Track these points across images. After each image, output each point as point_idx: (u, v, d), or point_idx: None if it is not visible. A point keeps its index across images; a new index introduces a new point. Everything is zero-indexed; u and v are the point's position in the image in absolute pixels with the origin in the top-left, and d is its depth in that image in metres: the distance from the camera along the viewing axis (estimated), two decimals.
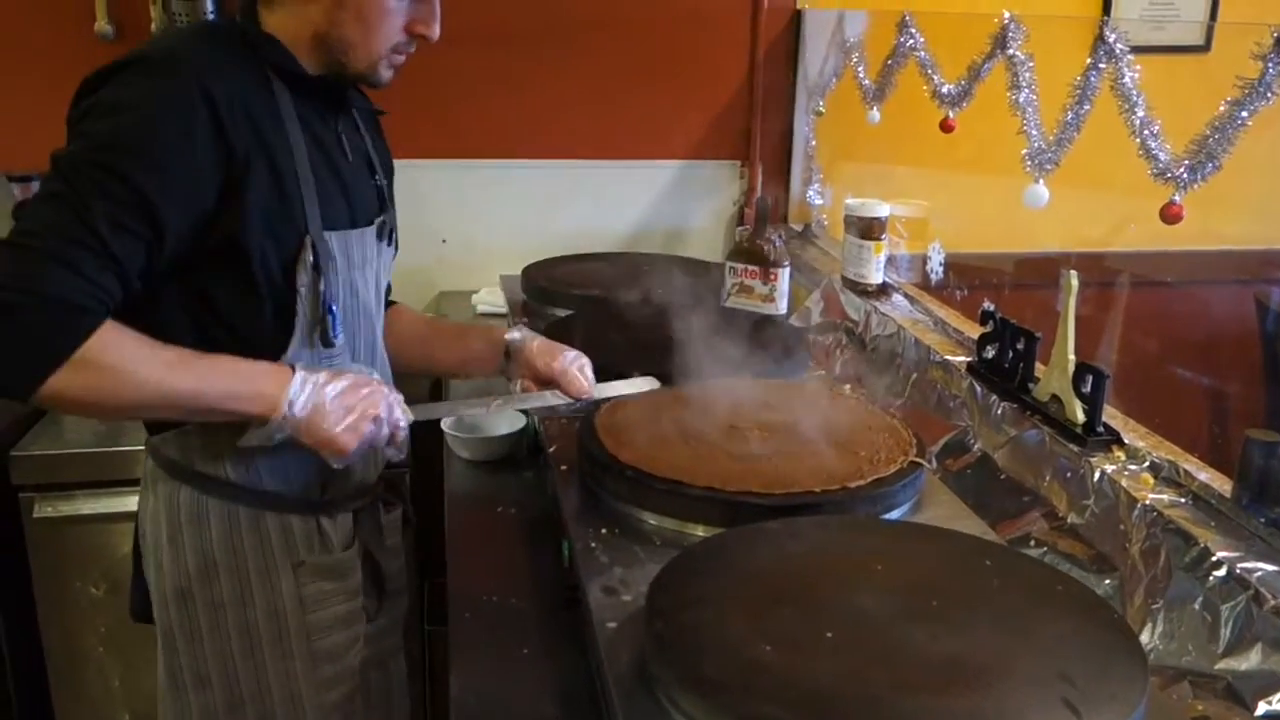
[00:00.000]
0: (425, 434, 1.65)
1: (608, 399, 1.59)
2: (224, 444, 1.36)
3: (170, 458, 1.40)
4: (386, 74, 1.39)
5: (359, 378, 1.34)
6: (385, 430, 1.35)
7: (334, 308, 1.37)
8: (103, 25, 2.50)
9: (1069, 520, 1.40)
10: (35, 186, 2.47)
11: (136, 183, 1.18)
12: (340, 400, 1.30)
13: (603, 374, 1.74)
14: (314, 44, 1.34)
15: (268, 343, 1.34)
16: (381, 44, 1.35)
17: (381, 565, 1.55)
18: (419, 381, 2.38)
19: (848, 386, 1.92)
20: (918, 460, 1.40)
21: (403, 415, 1.38)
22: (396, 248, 1.56)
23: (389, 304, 1.68)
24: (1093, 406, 1.43)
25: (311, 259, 1.33)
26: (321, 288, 1.35)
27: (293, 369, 1.29)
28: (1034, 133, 1.66)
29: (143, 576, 1.49)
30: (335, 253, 1.37)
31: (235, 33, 1.34)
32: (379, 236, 1.48)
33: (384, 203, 1.52)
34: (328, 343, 1.37)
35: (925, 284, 2.13)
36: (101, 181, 1.17)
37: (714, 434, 1.45)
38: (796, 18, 2.81)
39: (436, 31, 1.38)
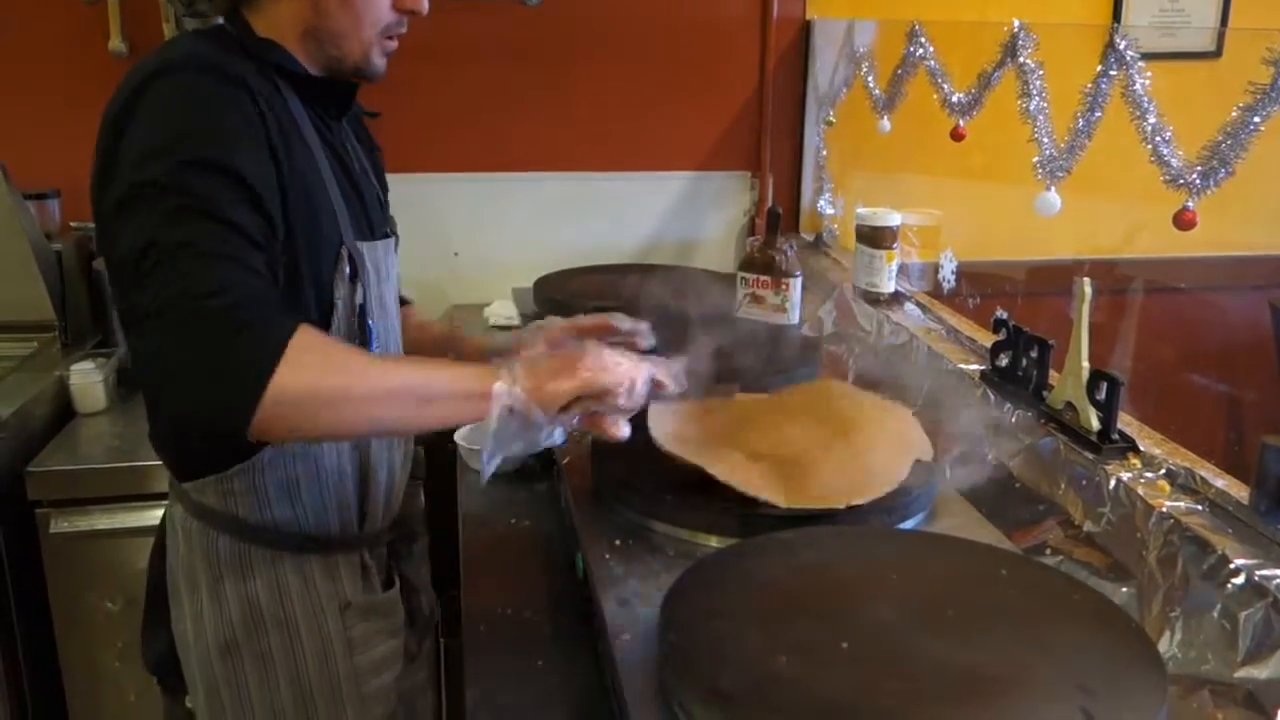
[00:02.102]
0: (437, 448, 1.64)
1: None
2: (269, 486, 1.31)
3: (207, 505, 1.33)
4: (380, 62, 1.34)
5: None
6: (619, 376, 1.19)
7: (370, 322, 1.32)
8: (117, 44, 2.52)
9: (1085, 528, 1.40)
10: (52, 205, 2.50)
11: (237, 168, 1.12)
12: (550, 360, 1.21)
13: None
14: (305, 40, 1.29)
15: None
16: (371, 29, 1.29)
17: (416, 598, 1.54)
18: None
19: None
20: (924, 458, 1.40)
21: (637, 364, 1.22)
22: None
23: (403, 303, 1.66)
24: (1107, 414, 1.43)
25: (349, 269, 1.29)
26: (359, 300, 1.30)
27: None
28: (1045, 140, 1.66)
29: (161, 629, 1.42)
30: (369, 264, 1.33)
31: (231, 39, 1.28)
32: (395, 249, 1.45)
33: (387, 212, 1.48)
34: None
35: (937, 292, 2.13)
36: (210, 179, 1.10)
37: (723, 446, 1.45)
38: (806, 28, 2.82)
39: (426, 5, 1.32)
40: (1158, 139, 1.40)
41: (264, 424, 1.03)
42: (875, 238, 2.16)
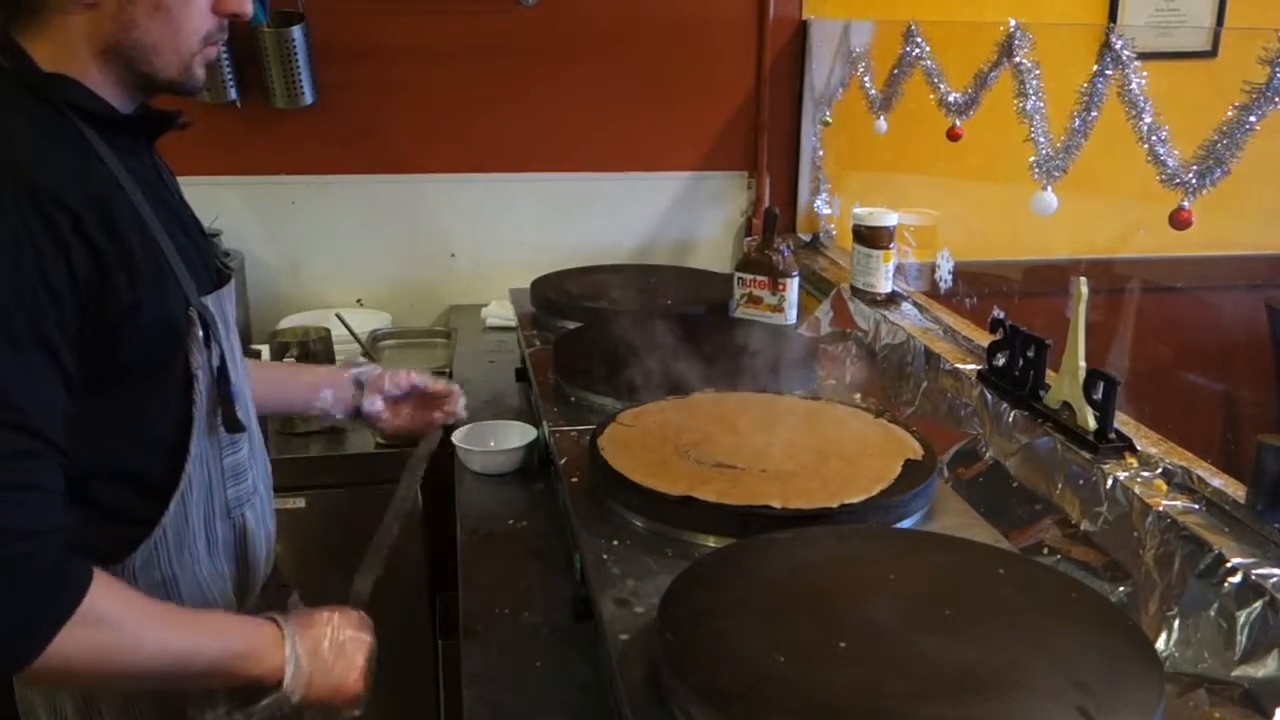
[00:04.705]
0: (437, 447, 1.65)
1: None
2: (141, 587, 1.13)
3: None
4: (201, 73, 1.15)
5: (324, 612, 1.19)
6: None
7: (232, 386, 1.19)
8: None
9: (1082, 528, 1.40)
10: None
11: (16, 326, 0.96)
12: (332, 637, 1.16)
13: (610, 387, 1.74)
14: (105, 61, 1.09)
15: (167, 444, 1.16)
16: (191, 37, 1.11)
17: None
18: None
19: (858, 396, 1.92)
20: (914, 459, 1.40)
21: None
22: None
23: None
24: (1104, 413, 1.43)
25: (201, 333, 1.14)
26: (215, 363, 1.16)
27: (274, 623, 1.14)
28: (1041, 140, 1.66)
29: None
30: (218, 320, 1.18)
31: (14, 85, 1.06)
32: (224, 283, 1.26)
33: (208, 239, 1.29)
34: (236, 426, 1.20)
35: (934, 292, 2.13)
36: None
37: (721, 445, 1.45)
38: (803, 28, 2.82)
39: (249, 8, 1.16)
40: (1154, 138, 1.41)
41: (27, 676, 1.02)
42: (872, 238, 2.16)
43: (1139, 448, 1.41)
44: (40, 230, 0.98)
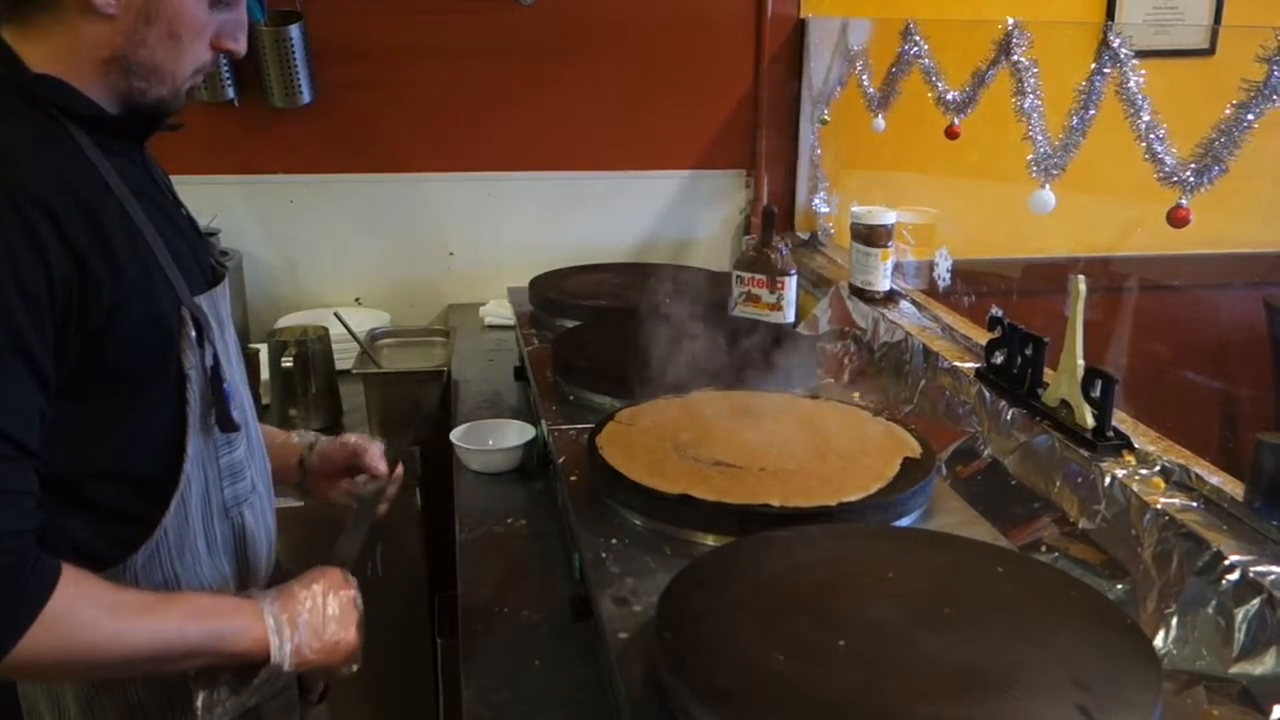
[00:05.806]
0: (435, 447, 1.65)
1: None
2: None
3: None
4: (185, 98, 1.18)
5: (303, 578, 1.20)
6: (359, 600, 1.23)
7: (226, 386, 1.19)
8: None
9: (1080, 525, 1.40)
10: None
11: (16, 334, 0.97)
12: (315, 601, 1.18)
13: (609, 385, 1.74)
14: (106, 69, 1.09)
15: (163, 444, 1.16)
16: (190, 65, 1.13)
17: None
18: None
19: (856, 394, 1.92)
20: (912, 457, 1.40)
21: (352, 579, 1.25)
22: None
23: None
24: (1102, 411, 1.43)
25: (194, 333, 1.14)
26: (209, 362, 1.16)
27: (251, 599, 1.16)
28: (1039, 138, 1.66)
29: None
30: (212, 319, 1.18)
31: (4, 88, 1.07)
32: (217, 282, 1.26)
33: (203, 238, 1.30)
34: (231, 425, 1.19)
35: (933, 290, 2.13)
36: None
37: (720, 444, 1.45)
38: (801, 27, 2.82)
39: (244, 46, 1.19)
40: (1151, 136, 1.41)
41: (8, 675, 1.04)
42: (870, 236, 2.16)
43: (1137, 445, 1.41)
44: (16, 233, 0.98)
